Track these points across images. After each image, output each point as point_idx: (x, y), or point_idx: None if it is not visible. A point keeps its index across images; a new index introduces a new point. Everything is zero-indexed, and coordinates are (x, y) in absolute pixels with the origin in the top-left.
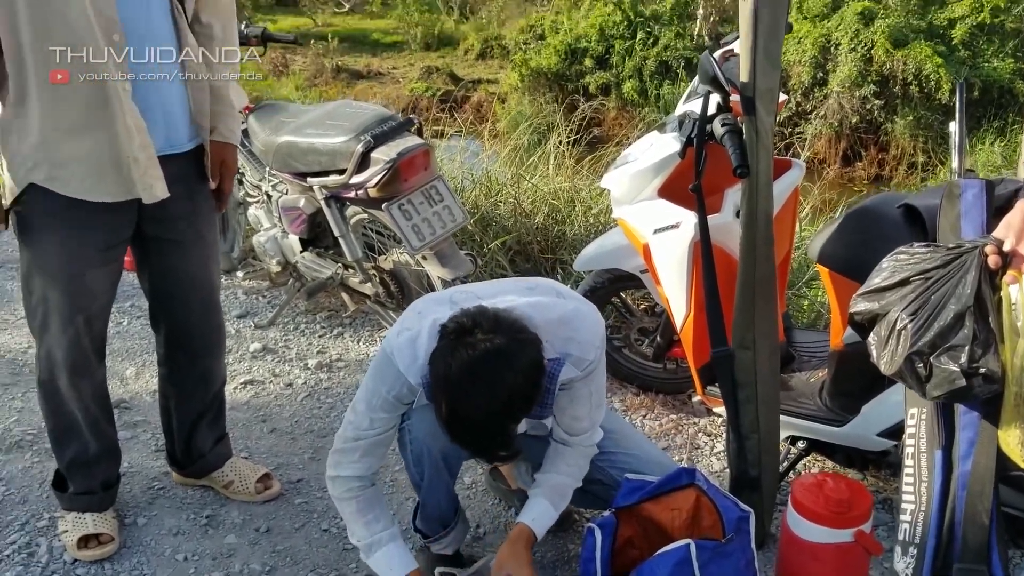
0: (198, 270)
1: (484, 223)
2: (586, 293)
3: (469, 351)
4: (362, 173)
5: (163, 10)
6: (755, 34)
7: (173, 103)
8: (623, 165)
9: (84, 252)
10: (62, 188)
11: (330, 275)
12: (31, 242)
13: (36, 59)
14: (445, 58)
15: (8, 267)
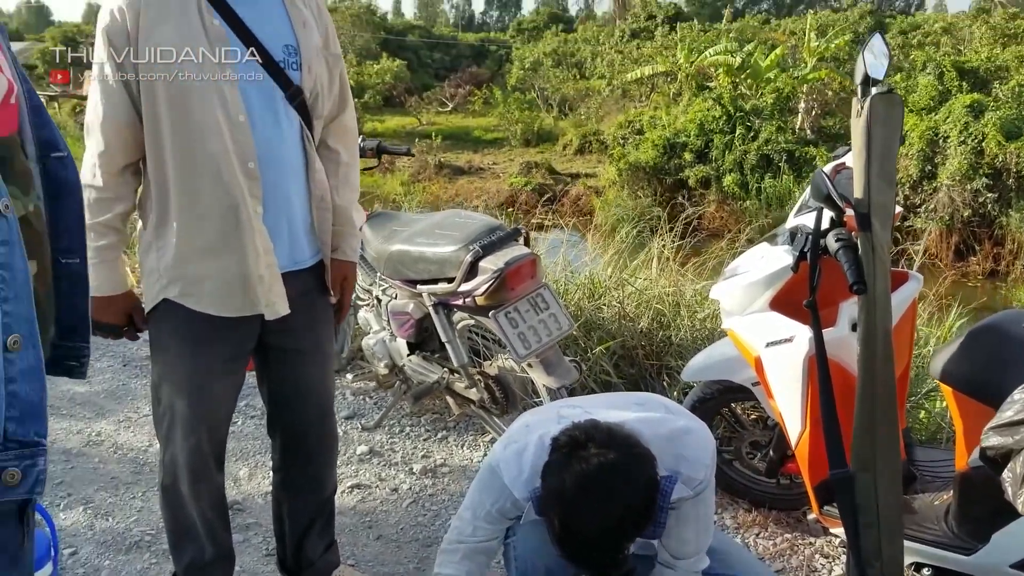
0: (316, 379)
1: (587, 327)
2: (695, 404)
3: (583, 465)
4: (470, 281)
5: (294, 139)
6: (869, 152)
7: (298, 223)
8: (733, 276)
9: (210, 364)
10: (194, 304)
11: (436, 379)
12: (161, 353)
13: (178, 186)
14: (544, 153)
15: (133, 365)
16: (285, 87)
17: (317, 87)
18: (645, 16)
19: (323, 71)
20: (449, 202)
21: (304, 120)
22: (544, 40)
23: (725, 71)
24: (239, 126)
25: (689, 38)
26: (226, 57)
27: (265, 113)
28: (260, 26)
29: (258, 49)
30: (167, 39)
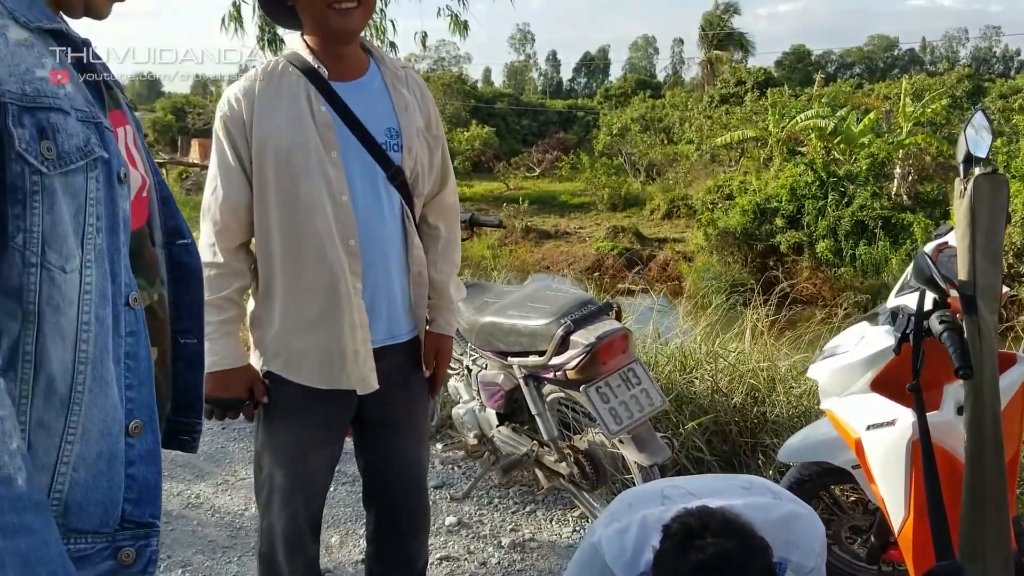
0: (410, 454)
1: (679, 401)
2: (792, 485)
3: (699, 555)
4: (561, 355)
5: (394, 217)
6: (973, 232)
7: (396, 298)
8: (832, 356)
9: (310, 435)
10: (295, 376)
11: (526, 452)
12: (265, 424)
13: (283, 262)
14: (631, 218)
15: (231, 428)
16: (386, 168)
17: (417, 167)
18: (734, 82)
19: (424, 152)
20: (535, 266)
21: (405, 199)
22: (632, 106)
23: (817, 136)
24: (342, 205)
25: (780, 103)
26: (332, 141)
27: (367, 192)
28: (364, 111)
29: (362, 133)
30: (279, 125)
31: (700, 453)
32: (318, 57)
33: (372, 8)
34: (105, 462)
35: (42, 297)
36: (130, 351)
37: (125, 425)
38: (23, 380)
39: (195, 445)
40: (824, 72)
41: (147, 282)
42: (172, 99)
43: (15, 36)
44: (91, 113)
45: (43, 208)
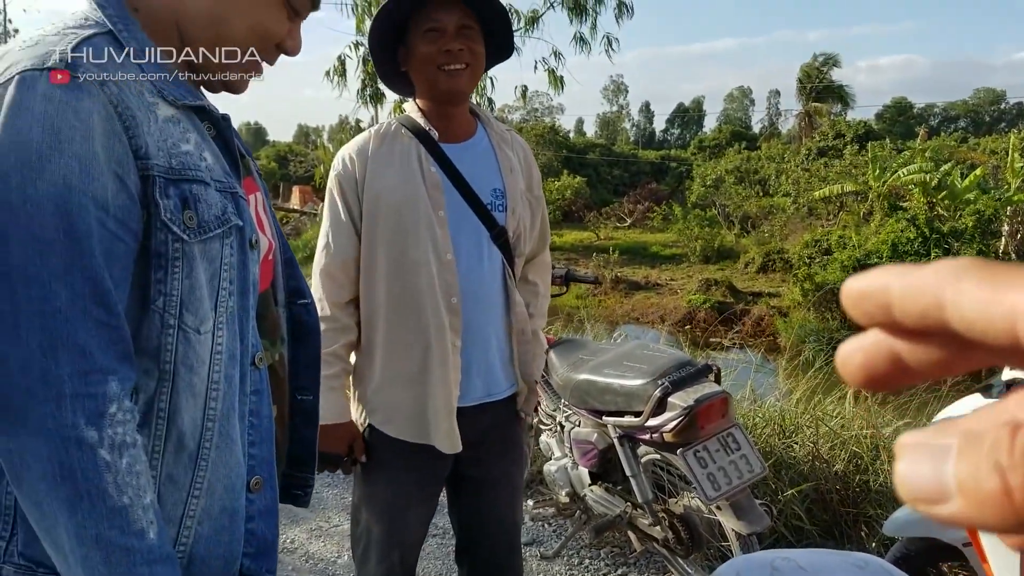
0: (504, 512)
1: (777, 466)
2: (897, 560)
3: None
4: (658, 417)
5: (496, 275)
6: None
7: (494, 355)
8: None
9: (407, 490)
10: (392, 431)
11: (619, 513)
12: (363, 477)
13: (386, 318)
14: (724, 271)
15: (326, 475)
16: (491, 227)
17: (520, 228)
18: (833, 134)
19: (526, 213)
20: (624, 317)
21: (506, 258)
22: (726, 157)
23: (920, 191)
24: (446, 264)
25: (881, 157)
26: (440, 200)
27: (471, 251)
28: (472, 171)
29: (468, 193)
30: (390, 184)
31: (799, 522)
32: (429, 120)
33: (480, 71)
34: (228, 517)
35: (177, 357)
36: (254, 409)
37: (247, 481)
38: (156, 435)
39: (307, 500)
40: (927, 126)
41: (269, 343)
42: (276, 147)
43: (164, 113)
44: (228, 183)
45: (183, 273)
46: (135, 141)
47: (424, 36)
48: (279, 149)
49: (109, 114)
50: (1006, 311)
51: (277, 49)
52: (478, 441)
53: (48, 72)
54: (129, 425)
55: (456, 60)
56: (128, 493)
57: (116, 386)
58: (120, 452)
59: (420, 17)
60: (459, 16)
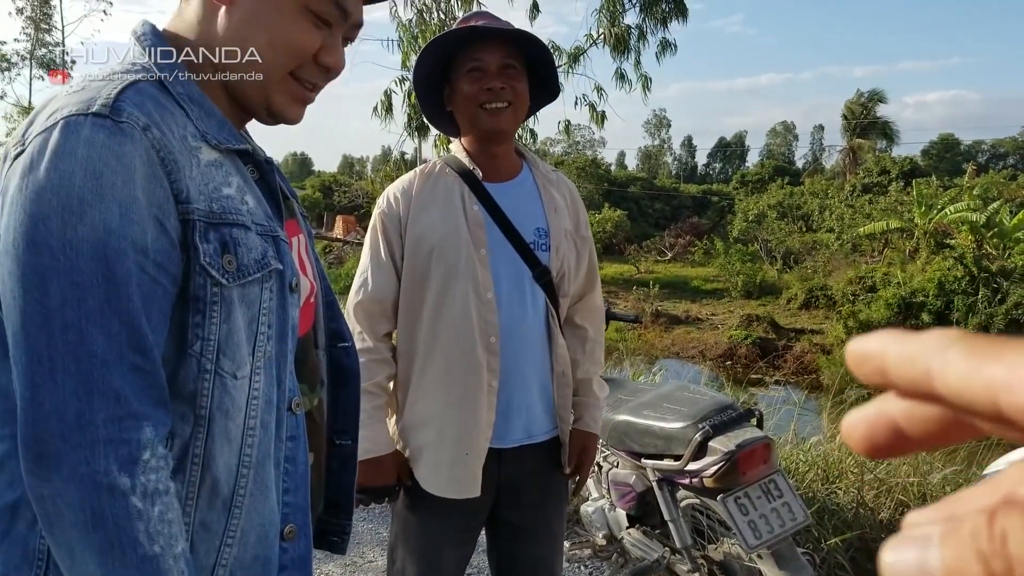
0: (542, 559)
1: (820, 513)
2: None
3: None
4: (698, 461)
5: (539, 316)
6: None
7: (535, 397)
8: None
9: (443, 532)
10: (418, 474)
11: (657, 558)
12: (399, 516)
13: (423, 355)
14: (766, 306)
15: (360, 509)
16: (533, 266)
17: (564, 267)
18: (878, 170)
19: (571, 253)
20: (664, 351)
21: (550, 298)
22: (769, 192)
23: (968, 229)
24: (486, 303)
25: (927, 194)
26: (482, 239)
27: (512, 291)
28: (515, 210)
29: (511, 232)
30: (433, 221)
31: (843, 572)
32: (473, 159)
33: (523, 110)
34: (260, 566)
35: (214, 402)
36: (289, 455)
37: (281, 529)
38: (190, 482)
39: (344, 547)
40: (975, 162)
41: (308, 387)
42: (321, 177)
43: (207, 157)
44: (269, 227)
45: (220, 318)
46: (176, 185)
47: (467, 75)
48: (324, 179)
49: (151, 159)
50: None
51: (318, 66)
52: (517, 485)
53: (91, 117)
54: (162, 472)
55: (498, 98)
56: (159, 542)
57: (150, 432)
58: (152, 500)
59: (463, 56)
60: (502, 55)
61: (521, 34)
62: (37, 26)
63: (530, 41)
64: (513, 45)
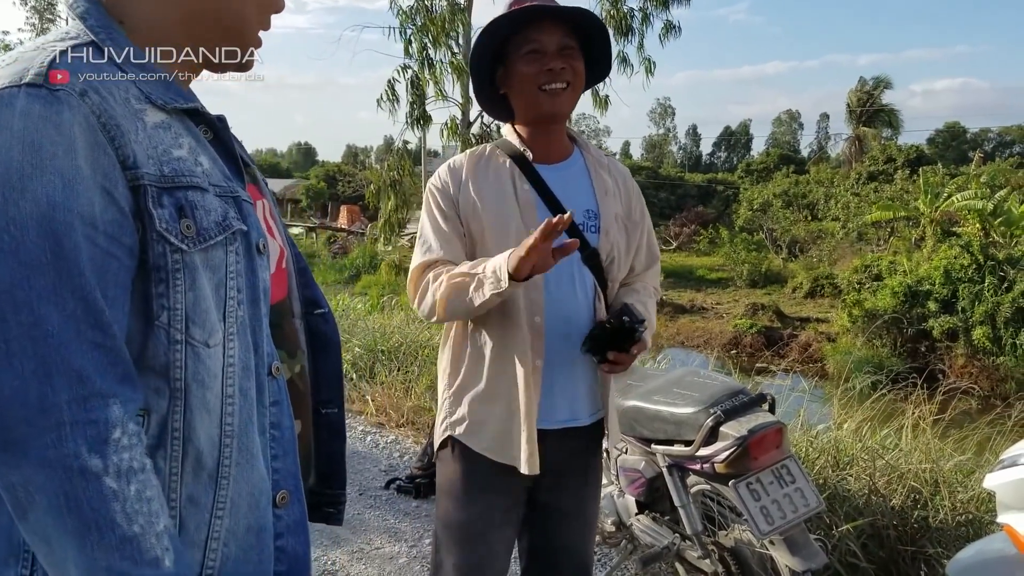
0: (576, 543)
1: (831, 500)
2: None
3: None
4: (710, 447)
5: (587, 298)
6: None
7: (579, 380)
8: (1013, 467)
9: (487, 512)
10: (475, 445)
11: (666, 545)
12: (444, 496)
13: (471, 332)
14: (771, 295)
15: (368, 495)
16: (582, 248)
17: (614, 251)
18: (883, 159)
19: (621, 237)
20: (670, 340)
21: (599, 281)
22: (774, 181)
23: (975, 217)
24: (533, 283)
25: (933, 182)
26: (532, 219)
27: (560, 272)
28: (564, 192)
29: (560, 212)
30: (482, 202)
31: (855, 559)
32: (525, 142)
33: (580, 90)
34: (254, 535)
35: (188, 373)
36: (275, 421)
37: (272, 496)
38: (172, 457)
39: (340, 517)
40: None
41: (287, 354)
42: (325, 167)
43: (153, 119)
44: (228, 188)
45: (185, 285)
46: (122, 151)
47: (524, 57)
48: (328, 169)
49: (91, 125)
50: None
51: None
52: (559, 467)
53: (25, 88)
54: (136, 450)
55: (558, 79)
56: (139, 521)
57: (118, 410)
58: (128, 479)
59: (519, 38)
60: (560, 36)
61: (579, 12)
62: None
63: (587, 19)
64: (568, 24)
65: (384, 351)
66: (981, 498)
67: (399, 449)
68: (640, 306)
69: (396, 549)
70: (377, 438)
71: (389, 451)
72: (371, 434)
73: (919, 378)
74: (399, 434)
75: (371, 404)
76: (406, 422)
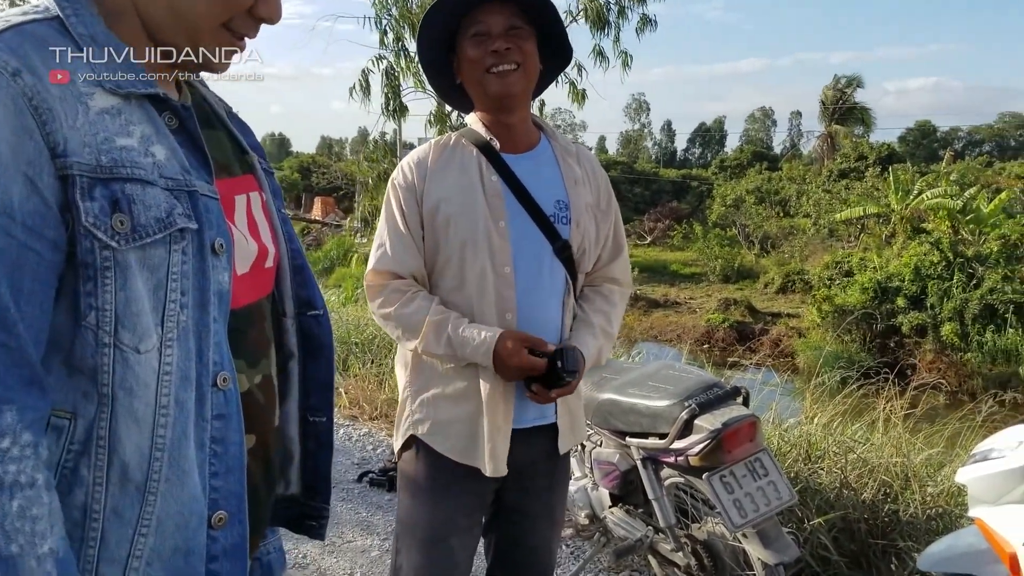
0: (541, 544)
1: (803, 493)
2: None
3: None
4: (684, 439)
5: (556, 291)
6: None
7: None
8: (984, 461)
9: (453, 516)
10: (439, 446)
11: (640, 538)
12: (406, 497)
13: None
14: (744, 291)
15: (340, 488)
16: (553, 240)
17: (585, 242)
18: (855, 156)
19: (591, 227)
20: (643, 335)
21: (569, 273)
22: (747, 177)
23: (944, 214)
24: (504, 277)
25: (904, 180)
26: (500, 210)
27: (531, 265)
28: (534, 182)
29: (530, 204)
30: (449, 192)
31: (826, 552)
32: (490, 130)
33: (533, 72)
34: (182, 558)
35: (115, 379)
36: (217, 436)
37: (208, 516)
38: (97, 466)
39: (322, 532)
40: (951, 149)
41: (248, 363)
42: (299, 158)
43: (100, 104)
44: (184, 181)
45: (115, 285)
46: (52, 137)
47: (471, 40)
48: (302, 160)
49: (20, 108)
50: None
51: (252, 18)
52: (526, 468)
53: None
54: (26, 463)
55: (504, 60)
56: (18, 540)
57: (12, 417)
58: (11, 493)
59: (467, 23)
60: (506, 16)
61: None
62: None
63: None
64: (516, 5)
65: (358, 343)
66: (951, 492)
67: (372, 442)
68: (592, 344)
69: (368, 542)
70: (350, 431)
71: (362, 444)
72: (344, 427)
73: (890, 373)
74: (372, 427)
75: (344, 397)
76: (379, 415)
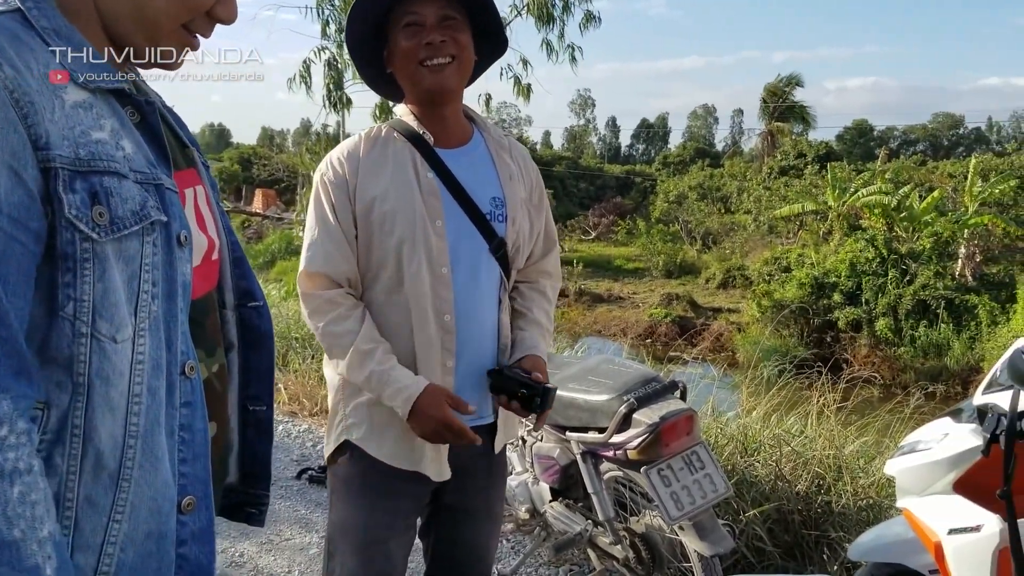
0: (482, 543)
1: (739, 486)
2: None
3: None
4: (623, 433)
5: (492, 291)
6: None
7: (484, 377)
8: (912, 452)
9: (388, 519)
10: (374, 451)
11: (579, 531)
12: (339, 501)
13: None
14: (686, 286)
15: (278, 485)
16: (490, 239)
17: (520, 239)
18: (795, 154)
19: (525, 223)
20: (587, 329)
21: (504, 271)
22: (690, 174)
23: (879, 212)
24: (441, 278)
25: (841, 178)
26: (437, 209)
27: (468, 265)
28: (469, 179)
29: (467, 202)
30: (384, 190)
31: (761, 543)
32: (422, 123)
33: (468, 65)
34: (154, 542)
35: (92, 368)
36: (185, 423)
37: (177, 502)
38: (71, 455)
39: (262, 519)
40: (887, 148)
41: (206, 352)
42: (240, 149)
43: (73, 98)
44: (151, 175)
45: (94, 276)
46: (34, 130)
47: (403, 31)
48: (243, 151)
49: (2, 101)
50: None
51: (209, 18)
52: (465, 467)
53: None
54: (23, 450)
55: (439, 53)
56: (20, 526)
57: (7, 406)
58: (11, 480)
59: (399, 12)
60: (440, 6)
61: None
62: None
63: None
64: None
65: (298, 339)
66: (881, 483)
67: (312, 438)
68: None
69: (307, 540)
70: (289, 427)
71: (302, 440)
72: (283, 423)
73: (824, 367)
74: (312, 423)
75: (284, 393)
76: (320, 411)
